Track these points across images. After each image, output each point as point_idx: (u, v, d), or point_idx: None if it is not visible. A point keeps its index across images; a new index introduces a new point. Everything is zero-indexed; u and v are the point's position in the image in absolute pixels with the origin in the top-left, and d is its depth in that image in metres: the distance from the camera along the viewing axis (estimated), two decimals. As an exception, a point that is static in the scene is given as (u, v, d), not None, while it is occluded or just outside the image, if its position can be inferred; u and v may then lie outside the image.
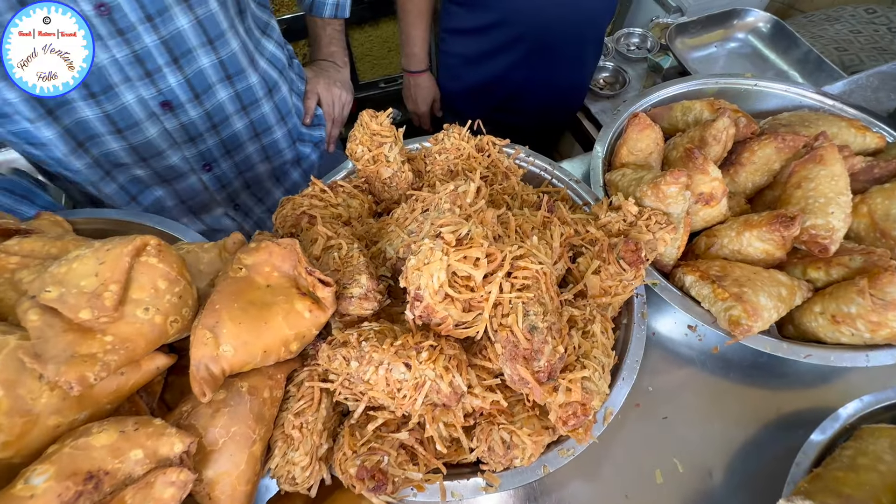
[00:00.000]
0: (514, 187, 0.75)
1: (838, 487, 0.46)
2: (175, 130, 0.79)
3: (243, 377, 0.49)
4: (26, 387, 0.38)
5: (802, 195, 0.65)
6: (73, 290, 0.41)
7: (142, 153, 0.80)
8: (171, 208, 0.90)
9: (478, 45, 1.25)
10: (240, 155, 0.91)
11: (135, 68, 0.70)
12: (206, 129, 0.83)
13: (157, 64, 0.71)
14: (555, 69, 1.31)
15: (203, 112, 0.80)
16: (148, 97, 0.73)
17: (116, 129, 0.74)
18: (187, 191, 0.90)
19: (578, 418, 0.47)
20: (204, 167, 0.88)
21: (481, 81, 1.33)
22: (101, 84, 0.69)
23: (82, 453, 0.38)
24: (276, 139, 0.95)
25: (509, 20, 1.18)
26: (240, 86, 0.83)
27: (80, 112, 0.70)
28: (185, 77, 0.75)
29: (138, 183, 0.84)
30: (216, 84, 0.79)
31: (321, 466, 0.51)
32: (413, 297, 0.49)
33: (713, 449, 0.63)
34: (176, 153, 0.82)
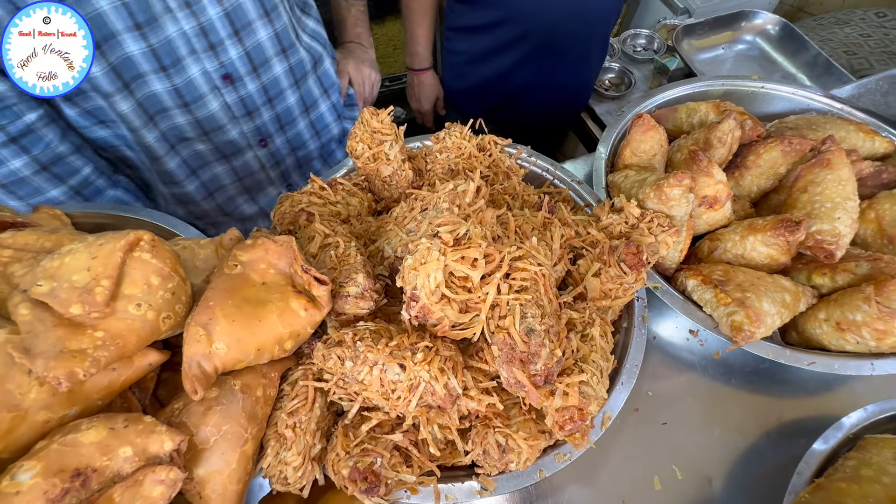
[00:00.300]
0: (516, 187, 0.74)
1: (840, 499, 0.45)
2: (234, 104, 0.82)
3: (236, 375, 0.49)
4: (15, 381, 0.38)
5: (808, 199, 0.64)
6: (64, 285, 0.40)
7: (204, 127, 0.83)
8: (228, 186, 0.94)
9: (482, 44, 1.25)
10: (292, 130, 0.94)
11: (200, 40, 0.73)
12: (263, 102, 0.86)
13: (220, 36, 0.74)
14: (559, 68, 1.30)
15: (260, 85, 0.83)
16: (211, 70, 0.76)
17: (183, 103, 0.77)
18: (244, 168, 0.93)
19: (575, 423, 0.47)
20: (260, 142, 0.91)
21: (485, 80, 1.32)
22: (171, 57, 0.72)
23: (70, 450, 0.37)
24: (322, 113, 0.98)
25: (514, 18, 1.17)
26: (293, 59, 0.86)
27: (152, 86, 0.73)
28: (245, 50, 0.78)
29: (199, 158, 0.87)
30: (272, 58, 0.82)
31: (314, 466, 0.50)
32: (409, 297, 0.48)
33: (713, 456, 0.62)
34: (235, 127, 0.85)
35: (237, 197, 0.96)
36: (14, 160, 0.68)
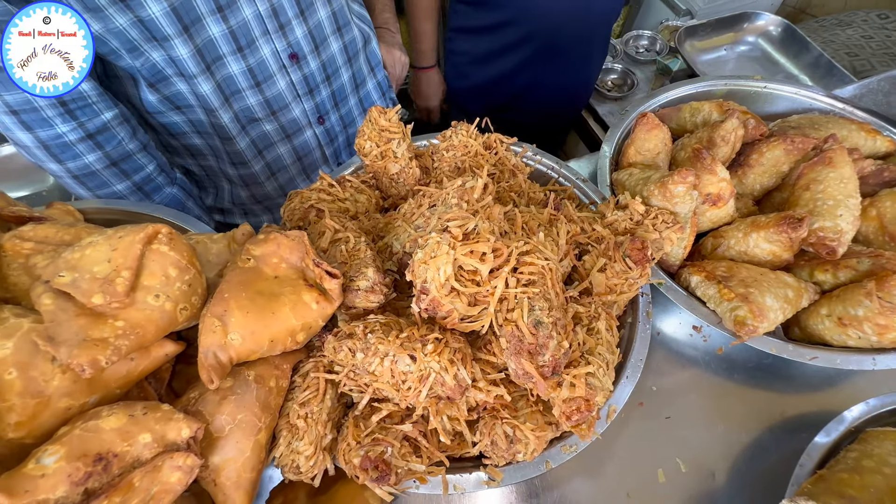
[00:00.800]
0: (521, 185, 0.75)
1: (842, 489, 0.46)
2: (298, 82, 0.87)
3: (250, 366, 0.50)
4: (39, 369, 0.39)
5: (811, 197, 0.65)
6: (86, 276, 0.41)
7: (272, 106, 0.87)
8: (290, 166, 0.99)
9: (485, 44, 1.26)
10: (345, 107, 0.99)
11: (271, 21, 0.77)
12: (322, 80, 0.91)
13: (288, 16, 0.79)
14: (562, 68, 1.31)
15: (320, 63, 0.88)
16: (280, 49, 0.81)
17: (255, 83, 0.82)
18: (303, 147, 0.98)
19: (582, 414, 0.48)
20: (318, 120, 0.95)
21: (488, 80, 1.33)
22: (247, 38, 0.76)
23: (92, 435, 0.39)
24: (369, 90, 1.04)
25: (517, 20, 1.18)
26: (347, 37, 0.91)
27: (229, 67, 0.78)
28: (308, 29, 0.82)
29: (265, 138, 0.91)
30: (330, 36, 0.87)
31: (325, 456, 0.51)
32: (419, 290, 0.50)
33: (716, 450, 0.63)
34: (297, 106, 0.90)
35: (296, 177, 1.01)
36: (89, 154, 0.73)
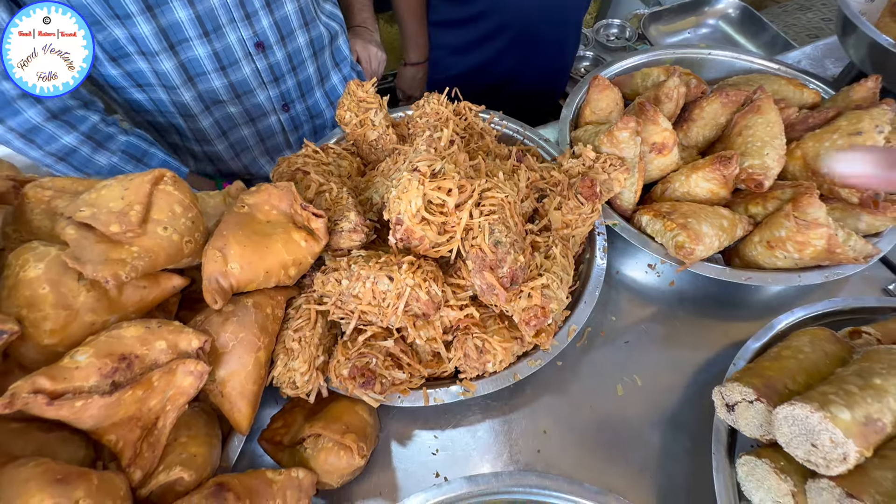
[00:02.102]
0: (489, 145, 0.82)
1: (763, 372, 0.54)
2: (264, 70, 0.93)
3: (248, 295, 0.57)
4: (67, 286, 0.46)
5: (743, 141, 0.74)
6: (103, 210, 0.48)
7: (237, 90, 0.93)
8: (253, 147, 1.05)
9: (463, 36, 1.33)
10: (311, 98, 1.06)
11: (238, 10, 0.83)
12: (287, 70, 0.96)
13: (255, 7, 0.85)
14: (538, 55, 1.39)
15: (286, 54, 0.94)
16: (246, 37, 0.87)
17: (221, 66, 0.87)
18: (267, 130, 1.04)
19: (539, 319, 0.55)
20: (283, 107, 1.02)
21: (468, 70, 1.40)
22: (213, 24, 0.82)
23: (116, 340, 0.45)
24: (335, 84, 1.10)
25: (493, 11, 1.26)
26: (313, 32, 0.97)
27: (195, 49, 0.83)
28: (275, 20, 0.88)
29: (229, 120, 0.97)
30: (297, 29, 0.93)
31: (318, 375, 0.58)
32: (395, 222, 0.57)
33: (669, 367, 0.71)
34: (262, 92, 0.96)
35: (259, 158, 1.08)
36: (29, 109, 0.75)
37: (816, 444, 0.45)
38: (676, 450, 0.64)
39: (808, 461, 0.46)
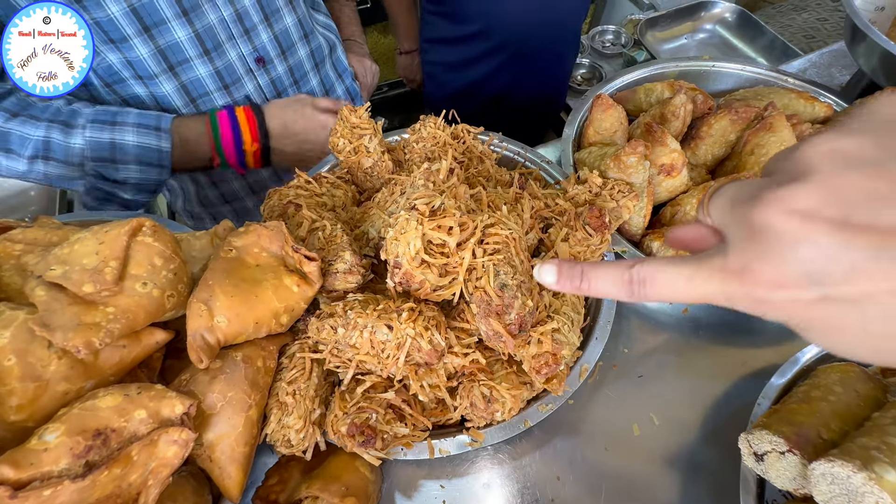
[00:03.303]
0: (489, 170, 0.79)
1: (792, 417, 0.50)
2: (266, 85, 0.91)
3: (237, 348, 0.53)
4: (36, 355, 0.42)
5: (756, 161, 0.70)
6: (76, 268, 0.44)
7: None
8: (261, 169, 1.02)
9: (459, 54, 1.31)
10: None
11: (236, 25, 0.81)
12: (290, 83, 0.94)
13: (253, 22, 0.82)
14: (536, 70, 1.37)
15: (287, 68, 0.92)
16: (246, 53, 0.84)
17: (224, 85, 0.85)
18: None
19: (550, 367, 0.51)
20: None
21: (465, 86, 1.38)
22: (213, 42, 0.79)
23: (90, 413, 0.41)
24: (339, 96, 1.08)
25: (489, 31, 1.24)
26: (313, 44, 0.95)
27: (196, 70, 0.80)
28: (274, 34, 0.86)
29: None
30: (297, 42, 0.91)
31: (315, 430, 0.54)
32: (392, 265, 0.53)
33: (686, 402, 0.67)
34: None
35: (266, 178, 1.05)
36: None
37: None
38: (699, 494, 0.60)
39: (850, 524, 0.42)
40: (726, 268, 0.25)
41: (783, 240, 0.23)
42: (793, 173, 0.24)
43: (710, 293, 0.26)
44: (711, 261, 0.26)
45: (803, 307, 0.23)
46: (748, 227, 0.25)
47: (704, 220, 0.30)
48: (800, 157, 0.24)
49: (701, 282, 0.27)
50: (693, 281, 0.27)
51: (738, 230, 0.26)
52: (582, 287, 0.32)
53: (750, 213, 0.24)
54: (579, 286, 0.32)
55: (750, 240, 0.24)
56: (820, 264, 0.22)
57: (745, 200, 0.25)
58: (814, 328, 0.24)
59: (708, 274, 0.26)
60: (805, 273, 0.23)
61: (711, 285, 0.26)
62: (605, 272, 0.31)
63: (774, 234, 0.23)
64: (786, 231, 0.23)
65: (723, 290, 0.26)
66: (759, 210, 0.24)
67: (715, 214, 0.28)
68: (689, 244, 0.33)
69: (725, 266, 0.26)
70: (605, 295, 0.32)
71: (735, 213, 0.26)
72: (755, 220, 0.24)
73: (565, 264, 0.33)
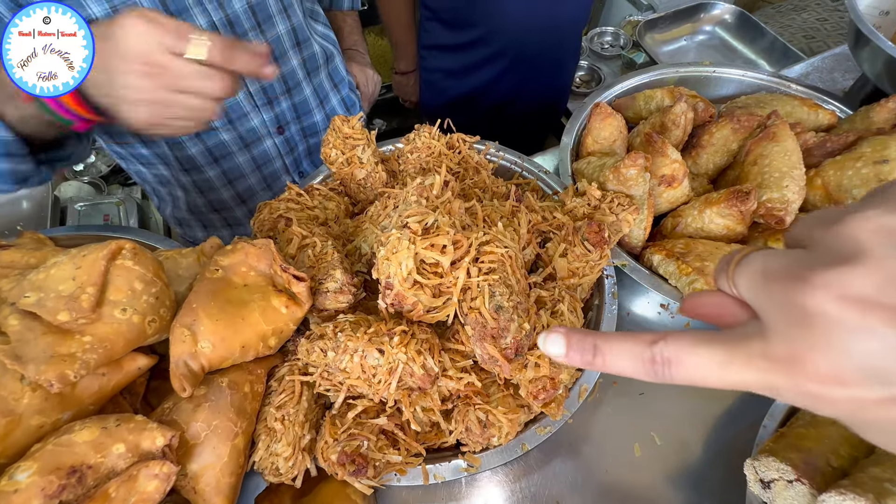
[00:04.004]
0: (485, 181, 0.77)
1: (800, 443, 0.48)
2: (256, 93, 0.89)
3: (223, 373, 0.51)
4: (8, 388, 0.40)
5: (758, 171, 0.68)
6: (51, 295, 0.42)
7: (230, 114, 0.88)
8: (248, 175, 1.00)
9: (459, 60, 1.29)
10: (308, 120, 1.02)
11: (227, 31, 0.78)
12: (282, 91, 0.92)
13: (244, 28, 0.80)
14: (537, 77, 1.35)
15: (279, 76, 0.89)
16: None
17: None
18: (262, 156, 0.99)
19: (548, 392, 0.49)
20: (278, 130, 0.97)
21: (465, 93, 1.36)
22: None
23: (65, 449, 0.39)
24: (334, 106, 1.06)
25: (489, 37, 1.22)
26: (306, 53, 0.93)
27: None
28: (266, 41, 0.84)
29: (222, 147, 0.92)
30: (289, 50, 0.89)
31: (304, 457, 0.52)
32: (384, 285, 0.51)
33: (689, 421, 0.65)
34: (256, 116, 0.92)
35: (256, 186, 1.03)
36: None
37: (874, 542, 0.39)
38: (703, 518, 0.59)
39: (863, 559, 0.40)
40: (769, 355, 0.23)
41: (840, 330, 0.20)
42: (841, 253, 0.21)
43: (750, 381, 0.23)
44: (749, 344, 0.23)
45: (865, 407, 0.21)
46: (794, 311, 0.22)
47: (728, 291, 0.27)
48: (846, 235, 0.22)
49: (738, 368, 0.23)
50: (729, 367, 0.24)
51: (779, 312, 0.23)
52: (595, 363, 0.29)
53: (795, 294, 0.22)
54: (592, 361, 0.29)
55: (798, 326, 0.22)
56: (885, 360, 0.20)
57: (784, 278, 0.23)
58: (876, 430, 0.22)
59: (746, 360, 0.23)
60: (868, 369, 0.20)
61: (751, 373, 0.23)
62: (621, 347, 0.28)
63: (829, 323, 0.21)
64: (843, 320, 0.20)
65: (766, 379, 0.23)
66: (808, 294, 0.21)
67: (744, 288, 0.25)
68: (708, 316, 0.30)
69: (768, 353, 0.23)
70: (621, 373, 0.28)
71: (773, 292, 0.23)
72: (804, 305, 0.21)
73: (575, 336, 0.29)
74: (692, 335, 0.25)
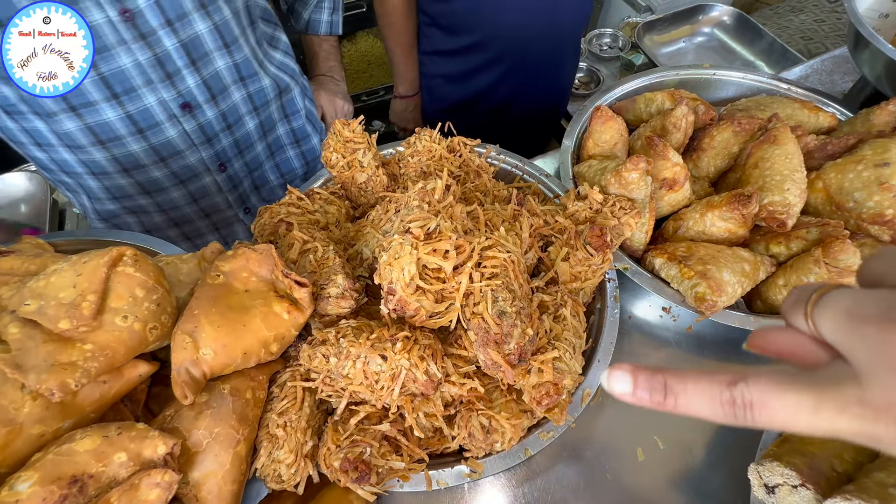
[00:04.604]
0: (486, 184, 0.77)
1: (804, 447, 0.48)
2: (193, 131, 0.84)
3: (225, 380, 0.51)
4: (8, 397, 0.39)
5: (760, 174, 0.68)
6: (51, 303, 0.42)
7: (161, 153, 0.84)
8: (184, 206, 0.94)
9: (458, 66, 1.29)
10: (250, 154, 0.96)
11: (156, 70, 0.74)
12: (222, 128, 0.87)
13: (177, 66, 0.76)
14: (537, 81, 1.35)
15: (218, 113, 0.85)
16: (168, 99, 0.78)
17: (138, 130, 0.78)
18: (200, 191, 0.94)
19: (551, 397, 0.49)
20: (220, 167, 0.92)
21: (465, 98, 1.35)
22: (124, 86, 0.73)
23: (66, 458, 0.39)
24: (279, 136, 1.01)
25: (488, 42, 1.21)
26: (252, 87, 0.88)
27: (104, 114, 0.74)
28: (203, 78, 0.79)
29: (154, 183, 0.88)
30: (231, 86, 0.84)
31: (307, 463, 0.52)
32: (386, 291, 0.51)
33: (691, 425, 0.65)
34: (194, 154, 0.87)
35: (197, 220, 0.97)
36: None
37: (879, 548, 0.39)
38: (706, 523, 0.58)
39: (869, 565, 0.40)
40: (868, 403, 0.22)
41: None
42: None
43: (843, 429, 0.22)
44: (842, 390, 0.23)
45: None
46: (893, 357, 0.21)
47: (805, 330, 0.26)
48: None
49: (831, 415, 0.22)
50: (820, 413, 0.23)
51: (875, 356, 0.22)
52: (667, 403, 0.27)
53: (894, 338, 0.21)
54: (663, 402, 0.27)
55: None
56: None
57: (878, 321, 0.22)
58: None
59: (840, 407, 0.22)
60: None
61: (846, 421, 0.22)
62: (697, 387, 0.26)
63: None
64: None
65: (864, 428, 0.22)
66: None
67: (828, 329, 0.25)
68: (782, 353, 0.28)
69: (866, 400, 0.22)
70: (696, 415, 0.26)
71: (866, 335, 0.23)
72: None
73: (643, 374, 0.27)
74: (774, 376, 0.24)
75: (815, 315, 0.25)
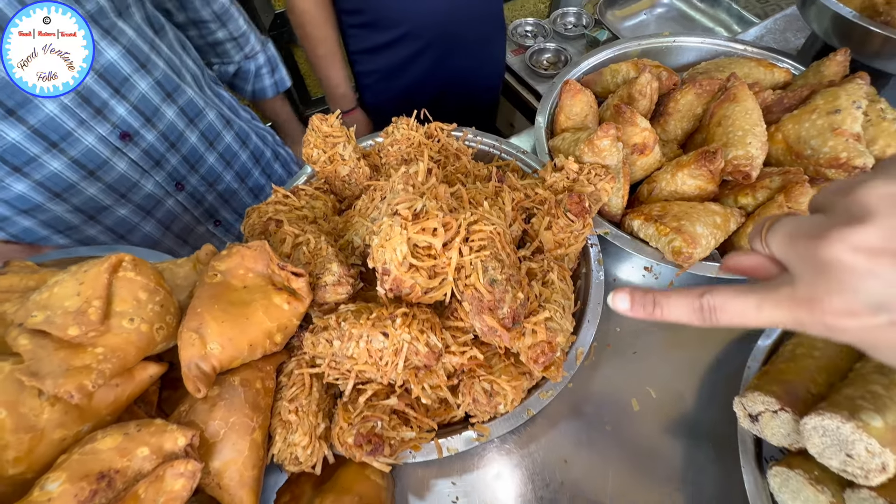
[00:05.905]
0: (466, 166, 0.79)
1: (781, 377, 0.52)
2: (140, 159, 0.83)
3: (234, 372, 0.52)
4: (27, 405, 0.41)
5: (723, 132, 0.72)
6: (58, 312, 0.43)
7: (119, 189, 0.83)
8: (161, 239, 0.94)
9: (388, 59, 1.29)
10: (203, 166, 0.95)
11: (84, 108, 0.72)
12: (166, 149, 0.86)
13: (103, 99, 0.74)
14: (470, 60, 1.36)
15: (158, 134, 0.84)
16: (106, 133, 0.76)
17: (88, 172, 0.77)
18: (168, 216, 0.94)
19: (547, 355, 0.52)
20: (176, 186, 0.92)
21: (403, 90, 1.36)
22: (59, 133, 0.71)
23: (91, 457, 0.41)
24: (229, 143, 0.99)
25: (412, 33, 1.22)
26: (181, 100, 0.86)
27: (49, 165, 0.72)
28: (132, 104, 0.78)
29: (124, 223, 0.87)
30: (161, 104, 0.83)
31: (321, 444, 0.54)
32: (381, 272, 0.53)
33: (681, 373, 0.69)
34: (148, 181, 0.86)
35: (175, 249, 0.97)
36: None
37: (852, 454, 0.43)
38: (702, 460, 0.62)
39: (844, 471, 0.44)
40: (795, 298, 0.29)
41: (851, 274, 0.26)
42: (853, 214, 0.27)
43: (778, 319, 0.30)
44: (778, 291, 0.29)
45: (873, 332, 0.27)
46: (815, 262, 0.27)
47: (762, 251, 0.33)
48: (858, 200, 0.27)
49: (769, 309, 0.30)
50: (762, 309, 0.30)
51: (803, 264, 0.29)
52: (655, 314, 0.35)
53: (816, 249, 0.27)
54: (653, 312, 0.35)
55: (818, 274, 0.27)
56: (887, 293, 0.25)
57: (806, 236, 0.28)
58: (883, 348, 0.28)
59: (775, 303, 0.29)
60: (874, 303, 0.26)
61: (779, 312, 0.29)
62: (677, 301, 0.34)
63: (843, 269, 0.26)
64: (853, 266, 0.26)
65: (792, 317, 0.29)
66: (826, 247, 0.27)
67: (775, 247, 0.31)
68: (746, 271, 0.36)
69: (794, 296, 0.29)
70: (677, 321, 0.34)
71: (798, 248, 0.29)
72: (822, 256, 0.27)
73: (637, 293, 0.36)
74: (732, 287, 0.32)
75: (767, 238, 0.32)
